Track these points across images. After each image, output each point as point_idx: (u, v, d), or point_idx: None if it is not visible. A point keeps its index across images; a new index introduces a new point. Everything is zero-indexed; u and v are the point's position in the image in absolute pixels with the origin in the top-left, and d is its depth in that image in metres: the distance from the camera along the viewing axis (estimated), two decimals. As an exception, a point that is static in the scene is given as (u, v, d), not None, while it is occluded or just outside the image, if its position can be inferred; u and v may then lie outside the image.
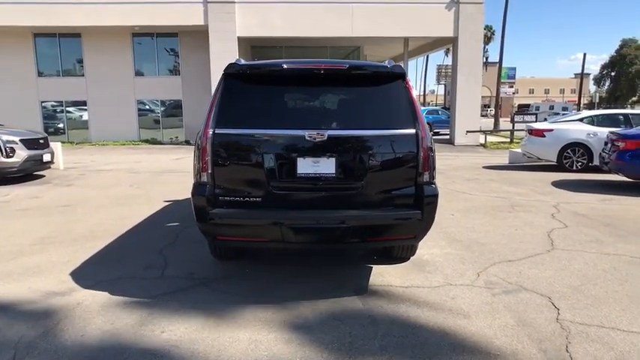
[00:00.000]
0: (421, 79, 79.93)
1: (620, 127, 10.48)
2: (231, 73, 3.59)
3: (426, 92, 54.93)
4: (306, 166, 3.46)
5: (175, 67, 22.02)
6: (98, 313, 3.44)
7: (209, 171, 3.47)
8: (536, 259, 4.66)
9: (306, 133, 3.40)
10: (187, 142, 21.11)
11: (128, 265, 4.47)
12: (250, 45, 23.62)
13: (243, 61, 3.73)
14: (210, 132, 3.45)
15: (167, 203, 7.32)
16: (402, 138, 3.52)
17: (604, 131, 10.28)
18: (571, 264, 4.53)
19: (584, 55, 51.16)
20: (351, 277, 4.20)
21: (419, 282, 4.07)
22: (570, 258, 4.70)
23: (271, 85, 3.64)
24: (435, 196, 3.55)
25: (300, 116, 3.65)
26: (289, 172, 3.48)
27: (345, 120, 3.56)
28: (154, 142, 21.35)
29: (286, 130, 3.47)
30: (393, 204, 3.56)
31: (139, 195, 8.09)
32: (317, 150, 3.44)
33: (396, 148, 3.52)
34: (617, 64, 48.87)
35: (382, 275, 4.21)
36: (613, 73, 50.96)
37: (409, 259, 4.57)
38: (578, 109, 42.75)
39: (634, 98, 49.13)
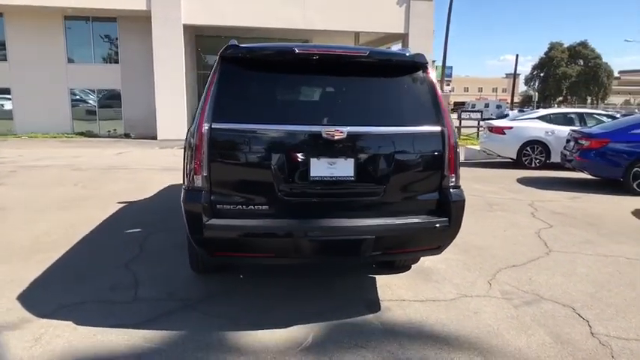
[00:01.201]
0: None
1: (575, 125, 10.79)
2: (231, 57, 3.00)
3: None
4: (320, 167, 2.96)
5: (113, 54, 20.44)
6: (65, 354, 2.75)
7: (204, 174, 2.88)
8: (540, 264, 4.45)
9: (323, 130, 2.90)
10: (127, 135, 19.74)
11: (90, 285, 3.75)
12: (194, 34, 22.43)
13: (236, 43, 3.14)
14: (206, 127, 2.85)
15: (122, 205, 6.50)
16: (427, 136, 3.11)
17: (561, 129, 10.55)
18: (575, 268, 4.35)
19: (517, 56, 53.38)
20: (356, 291, 3.76)
21: (431, 294, 3.71)
22: (571, 261, 4.54)
23: (279, 72, 3.09)
24: (464, 201, 3.18)
25: (313, 110, 3.13)
26: (301, 175, 2.96)
27: (364, 115, 3.09)
28: (89, 134, 19.74)
29: (298, 126, 2.94)
30: (417, 211, 3.15)
31: (87, 196, 7.17)
32: (334, 149, 2.95)
33: (420, 148, 3.11)
34: (546, 65, 51.86)
35: (389, 287, 3.81)
36: (542, 74, 54.14)
37: (411, 267, 4.21)
38: (511, 108, 44.88)
39: (560, 98, 52.43)
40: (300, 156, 2.94)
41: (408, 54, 3.27)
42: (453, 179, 3.17)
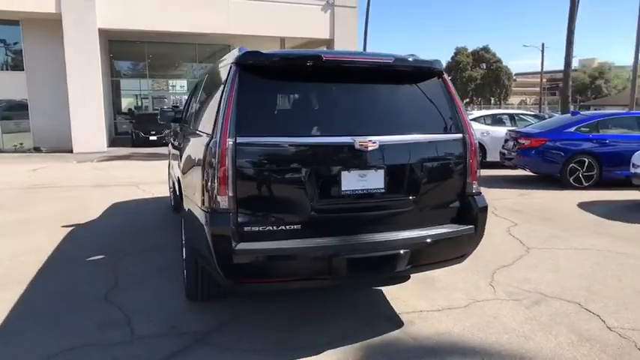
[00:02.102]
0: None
1: (507, 125, 11.51)
2: (249, 65, 2.73)
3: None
4: (351, 181, 2.79)
5: (11, 60, 18.47)
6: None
7: (230, 194, 2.58)
8: (526, 262, 4.61)
9: (357, 141, 2.73)
10: (37, 149, 17.88)
11: (74, 326, 3.23)
12: (107, 39, 21.00)
13: (246, 49, 2.88)
14: (230, 142, 2.56)
15: (68, 229, 5.78)
16: (451, 143, 3.06)
17: (495, 130, 11.21)
18: (559, 264, 4.56)
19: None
20: (370, 305, 3.62)
21: (444, 303, 3.67)
22: (552, 257, 4.75)
23: (303, 80, 2.88)
24: (487, 208, 3.16)
25: (340, 119, 2.92)
26: (332, 189, 2.77)
27: (391, 123, 2.96)
28: (-9, 150, 17.63)
29: (329, 138, 2.76)
30: (443, 220, 3.08)
31: (21, 220, 6.29)
32: (365, 160, 2.79)
33: (445, 155, 3.05)
34: (453, 69, 55.41)
35: (400, 299, 3.71)
36: (450, 78, 57.21)
37: (410, 277, 4.13)
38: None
39: (467, 100, 56.31)
40: (331, 169, 2.76)
41: (412, 59, 3.14)
42: (475, 185, 3.15)
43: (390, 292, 3.82)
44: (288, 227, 2.70)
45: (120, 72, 26.32)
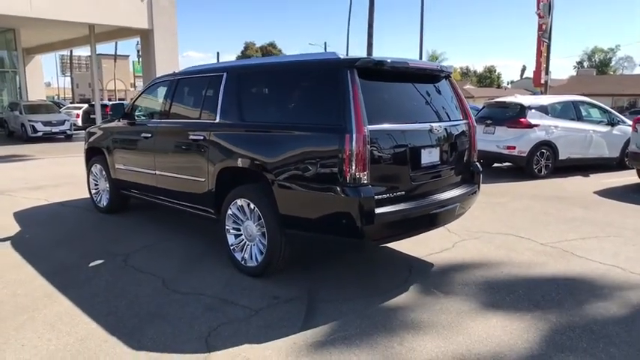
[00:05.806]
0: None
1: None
2: (363, 68, 3.41)
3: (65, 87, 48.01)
4: (425, 156, 3.77)
5: None
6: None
7: (367, 171, 3.28)
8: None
9: (434, 126, 3.73)
10: None
11: (192, 316, 3.37)
12: None
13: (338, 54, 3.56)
14: (366, 130, 3.26)
15: (3, 244, 5.01)
16: (464, 125, 4.26)
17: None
18: (472, 213, 6.22)
19: (218, 53, 58.10)
20: (397, 259, 4.57)
21: (437, 247, 4.85)
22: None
23: (393, 81, 3.72)
24: (481, 172, 4.47)
25: (419, 110, 3.85)
26: (418, 163, 3.70)
27: (440, 112, 4.01)
28: None
29: (417, 124, 3.69)
30: (464, 182, 4.29)
31: None
32: (432, 141, 3.80)
33: (463, 135, 4.24)
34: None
35: (407, 250, 4.71)
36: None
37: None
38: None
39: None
40: (418, 148, 3.69)
41: (445, 65, 4.32)
42: (475, 156, 4.44)
43: (393, 247, 4.80)
44: (398, 194, 3.54)
45: None
